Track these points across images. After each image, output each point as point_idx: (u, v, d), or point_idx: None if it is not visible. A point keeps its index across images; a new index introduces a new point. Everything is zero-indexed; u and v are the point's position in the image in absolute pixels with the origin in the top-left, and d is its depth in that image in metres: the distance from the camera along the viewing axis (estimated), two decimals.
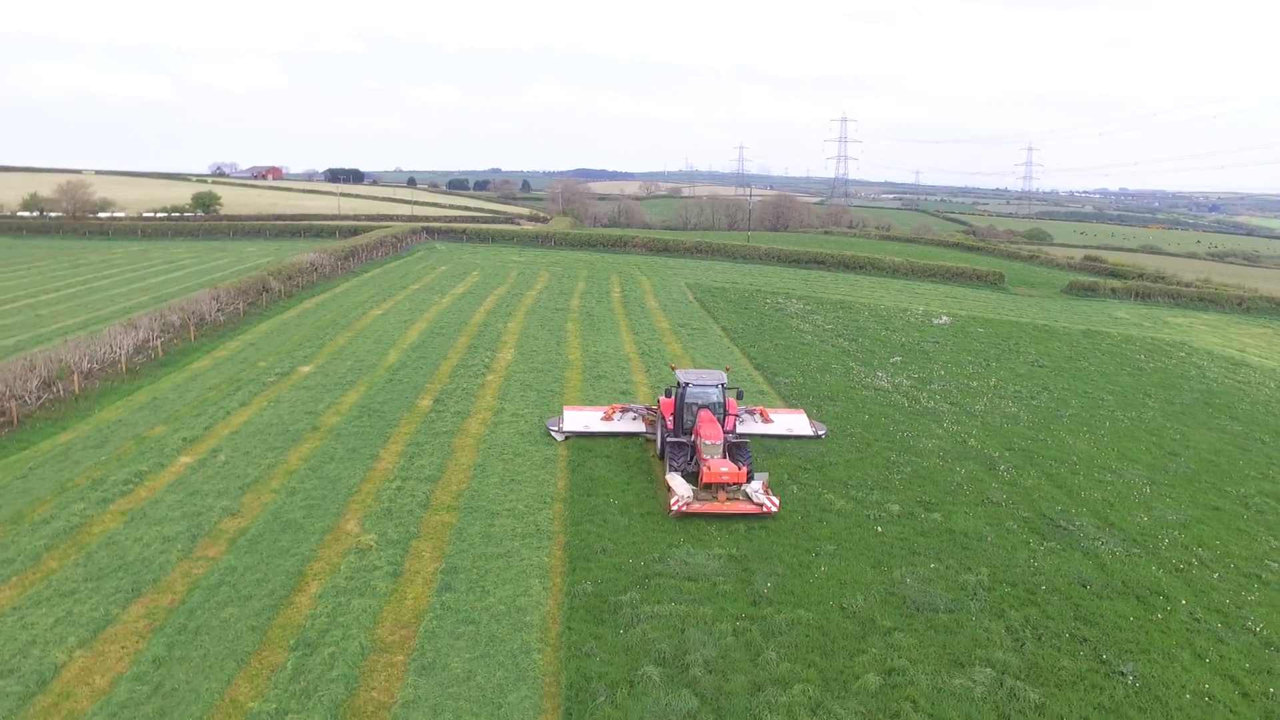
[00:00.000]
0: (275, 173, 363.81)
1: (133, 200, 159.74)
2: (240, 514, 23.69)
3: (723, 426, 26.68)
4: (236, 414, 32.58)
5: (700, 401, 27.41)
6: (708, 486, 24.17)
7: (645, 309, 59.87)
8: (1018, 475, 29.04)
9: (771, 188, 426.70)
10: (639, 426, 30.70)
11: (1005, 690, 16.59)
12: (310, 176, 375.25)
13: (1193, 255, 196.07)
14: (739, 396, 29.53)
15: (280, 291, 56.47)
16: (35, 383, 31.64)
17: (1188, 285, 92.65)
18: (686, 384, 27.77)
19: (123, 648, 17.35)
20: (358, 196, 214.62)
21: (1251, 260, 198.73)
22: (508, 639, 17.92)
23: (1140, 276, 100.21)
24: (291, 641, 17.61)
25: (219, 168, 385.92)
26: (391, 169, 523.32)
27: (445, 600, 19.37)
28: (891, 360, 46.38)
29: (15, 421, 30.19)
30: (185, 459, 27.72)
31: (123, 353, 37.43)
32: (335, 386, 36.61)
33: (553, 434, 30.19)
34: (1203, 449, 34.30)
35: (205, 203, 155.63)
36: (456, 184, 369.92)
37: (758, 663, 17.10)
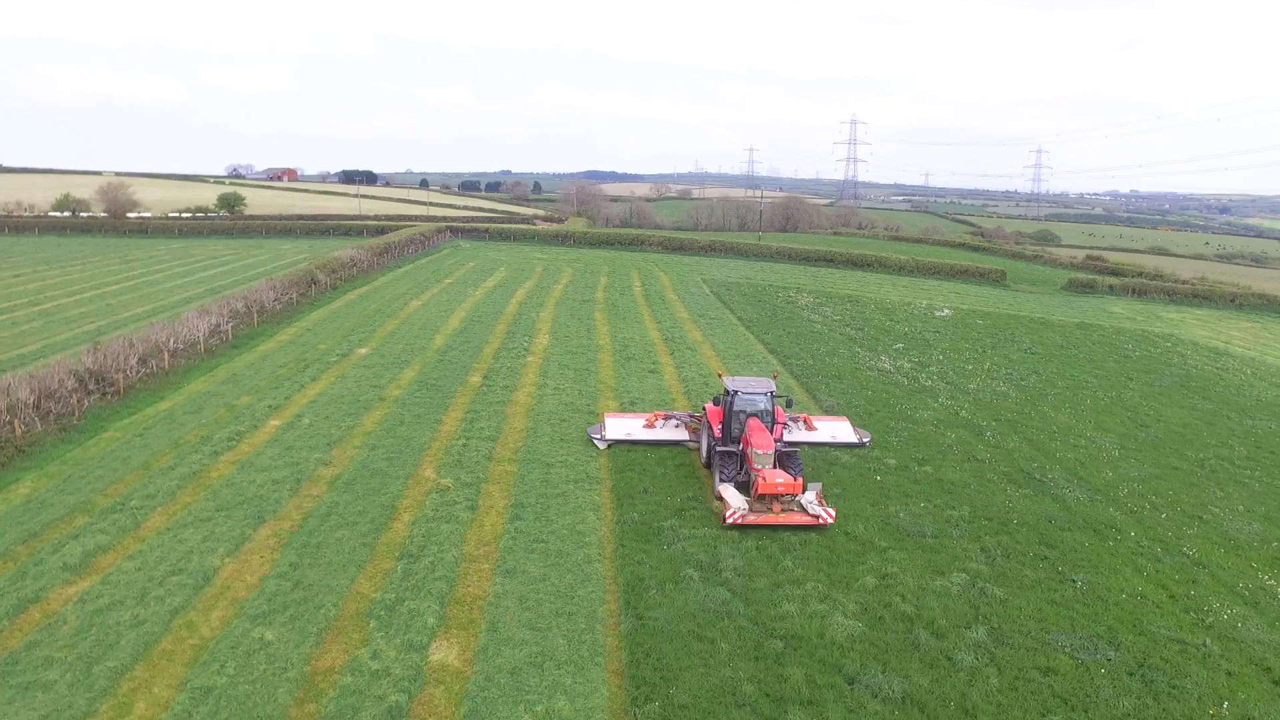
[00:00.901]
0: (291, 174, 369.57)
1: (155, 201, 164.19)
2: (332, 464, 27.84)
3: (771, 435, 26.35)
4: (309, 387, 36.77)
5: (749, 410, 27.01)
6: (762, 498, 23.66)
7: (665, 301, 63.96)
8: (1001, 439, 33.01)
9: (781, 189, 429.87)
10: (682, 434, 30.38)
11: (976, 590, 20.60)
12: (324, 177, 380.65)
13: (1200, 256, 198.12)
14: (788, 405, 29.65)
15: (326, 284, 60.77)
16: (135, 359, 35.87)
17: (1184, 282, 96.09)
18: (735, 392, 27.22)
19: (261, 557, 21.48)
20: (374, 198, 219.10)
21: (1259, 262, 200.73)
22: (572, 553, 22.01)
23: (1140, 274, 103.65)
24: (397, 554, 21.72)
25: (235, 169, 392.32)
26: (403, 170, 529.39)
27: (517, 526, 23.46)
28: (894, 347, 50.35)
29: (122, 391, 34.43)
30: (274, 422, 31.90)
31: (201, 335, 41.66)
32: (392, 365, 40.77)
33: (595, 442, 30.06)
34: (1172, 422, 38.17)
35: (230, 203, 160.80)
36: (468, 185, 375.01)
37: (777, 569, 21.15)
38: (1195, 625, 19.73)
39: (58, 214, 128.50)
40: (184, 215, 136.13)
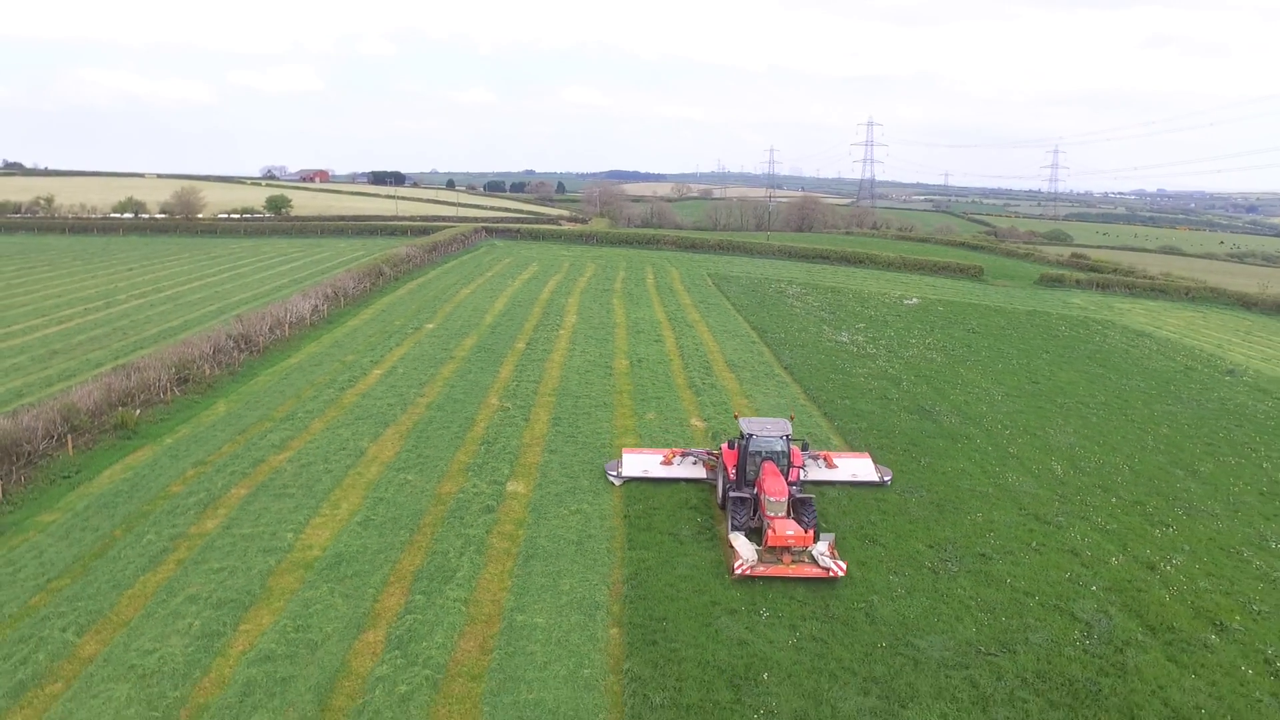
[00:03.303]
0: (323, 175, 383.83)
1: (205, 202, 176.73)
2: (425, 395, 39.61)
3: (786, 478, 26.11)
4: (395, 350, 48.62)
5: (764, 451, 26.74)
6: (773, 549, 23.32)
7: (673, 290, 75.52)
8: (912, 387, 44.28)
9: (803, 189, 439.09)
10: (699, 472, 30.00)
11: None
12: (354, 178, 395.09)
13: (1211, 256, 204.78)
14: (804, 447, 29.22)
15: (390, 275, 72.88)
16: (266, 327, 47.91)
17: (1147, 278, 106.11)
18: (751, 435, 26.81)
19: (393, 443, 33.21)
20: (405, 199, 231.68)
21: (1271, 261, 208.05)
22: (594, 443, 33.63)
23: (1114, 270, 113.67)
24: (479, 442, 33.41)
25: (270, 170, 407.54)
26: (428, 170, 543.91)
27: (557, 429, 35.12)
28: (856, 326, 61.58)
29: (261, 350, 46.48)
30: (377, 371, 43.75)
31: (306, 312, 53.70)
32: (455, 336, 52.61)
33: (610, 479, 29.87)
34: (1060, 380, 49.09)
35: (278, 205, 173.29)
36: (493, 186, 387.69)
37: None
38: (989, 484, 31.01)
39: (117, 215, 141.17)
40: (233, 216, 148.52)
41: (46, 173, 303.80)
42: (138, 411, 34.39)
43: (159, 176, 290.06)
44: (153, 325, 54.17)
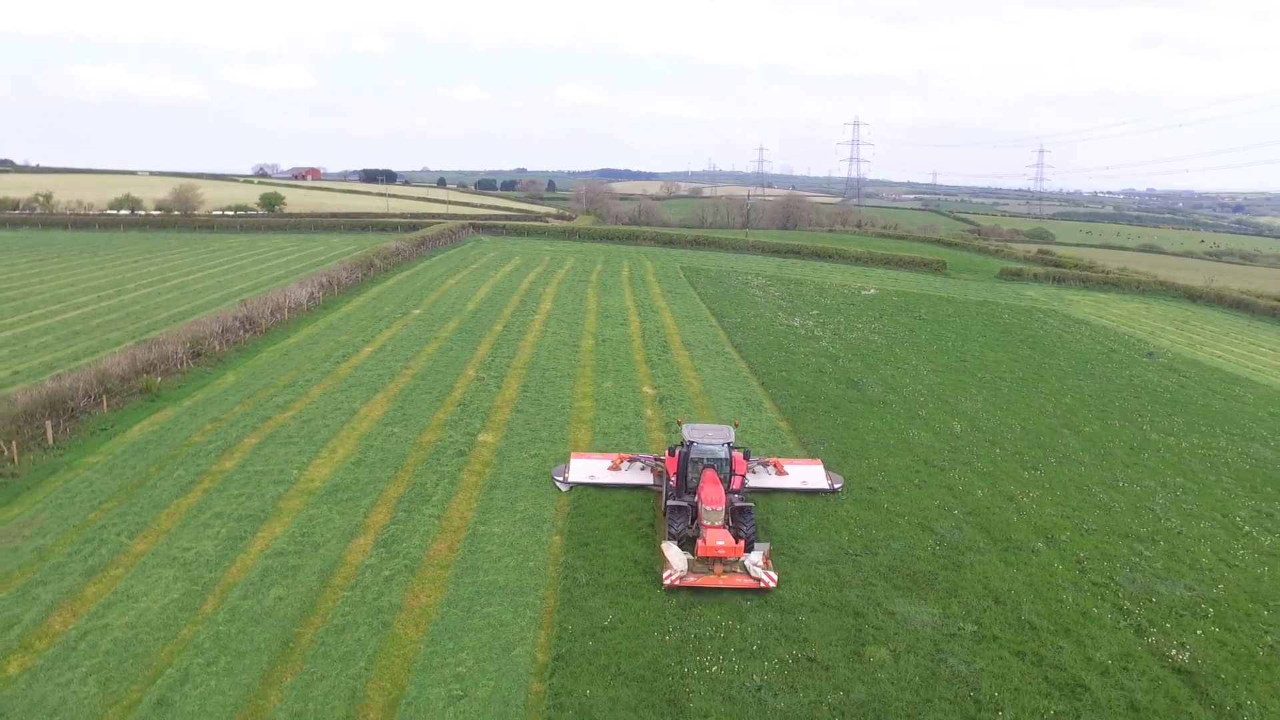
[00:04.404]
0: (314, 173, 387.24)
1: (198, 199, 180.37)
2: (410, 369, 44.67)
3: (728, 487, 25.88)
4: (385, 331, 53.67)
5: (706, 459, 26.45)
6: (704, 559, 23.29)
7: (645, 282, 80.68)
8: (847, 363, 49.53)
9: (793, 187, 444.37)
10: (647, 478, 29.80)
11: (782, 423, 37.16)
12: (345, 176, 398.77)
13: (1189, 254, 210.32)
14: (746, 455, 28.37)
15: (380, 267, 77.86)
16: (269, 310, 52.92)
17: (1102, 272, 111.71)
18: (691, 442, 26.55)
19: (381, 405, 38.28)
20: (396, 196, 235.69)
21: (1248, 259, 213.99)
22: (556, 404, 38.76)
23: (1074, 266, 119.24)
24: (456, 404, 38.52)
25: (262, 168, 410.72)
26: (420, 169, 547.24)
27: (525, 395, 40.25)
28: (810, 313, 66.82)
29: (264, 331, 51.48)
30: (368, 349, 48.81)
31: (303, 299, 58.70)
32: (439, 320, 57.68)
33: (557, 484, 29.57)
34: (987, 360, 54.38)
35: (272, 202, 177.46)
36: (484, 184, 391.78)
37: (673, 418, 37.83)
38: (893, 438, 36.25)
39: (114, 212, 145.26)
40: (228, 213, 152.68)
41: (39, 170, 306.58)
42: (159, 379, 39.39)
43: (151, 174, 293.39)
44: (162, 310, 59.08)
